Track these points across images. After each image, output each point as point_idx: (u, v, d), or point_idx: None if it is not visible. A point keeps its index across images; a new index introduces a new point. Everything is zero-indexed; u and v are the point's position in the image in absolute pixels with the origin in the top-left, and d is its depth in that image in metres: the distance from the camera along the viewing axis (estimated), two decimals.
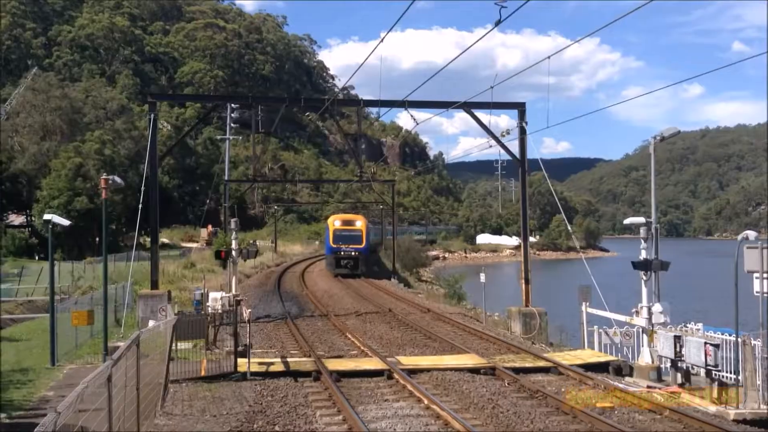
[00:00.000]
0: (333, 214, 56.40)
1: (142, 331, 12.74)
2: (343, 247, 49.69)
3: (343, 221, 52.31)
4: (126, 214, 68.82)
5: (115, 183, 22.26)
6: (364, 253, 50.22)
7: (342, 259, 49.86)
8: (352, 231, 50.28)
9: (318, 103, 37.92)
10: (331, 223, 52.40)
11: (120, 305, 27.52)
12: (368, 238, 51.39)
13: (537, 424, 13.20)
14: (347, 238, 49.83)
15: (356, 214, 61.11)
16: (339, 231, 50.41)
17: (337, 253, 50.36)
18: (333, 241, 50.39)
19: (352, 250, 49.60)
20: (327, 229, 53.32)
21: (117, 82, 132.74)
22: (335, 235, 50.24)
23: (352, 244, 49.65)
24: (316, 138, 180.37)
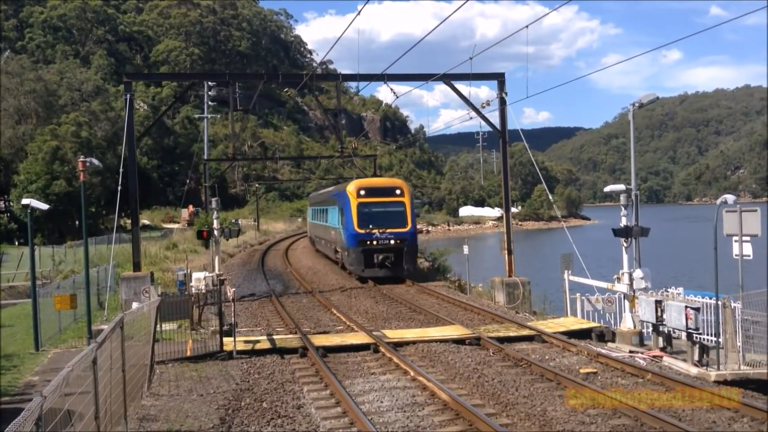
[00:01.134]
0: (355, 180, 35.29)
1: (126, 314, 12.72)
2: (377, 232, 31.00)
3: (373, 189, 32.62)
4: (105, 197, 68.21)
5: (93, 165, 22.06)
6: (409, 241, 31.65)
7: (376, 252, 30.93)
8: (389, 204, 32.14)
9: (296, 79, 37.39)
10: (353, 192, 32.01)
11: (102, 288, 27.40)
12: (413, 216, 32.56)
13: (522, 392, 13.37)
14: (382, 217, 31.63)
15: (393, 178, 43.31)
16: (368, 206, 31.80)
17: (366, 243, 31.04)
18: (358, 222, 31.23)
19: (392, 237, 31.16)
20: (344, 201, 32.52)
21: (91, 63, 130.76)
22: (362, 213, 31.46)
23: (391, 226, 31.28)
24: (296, 114, 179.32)
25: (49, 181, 66.33)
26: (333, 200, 36.83)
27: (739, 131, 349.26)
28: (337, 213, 34.46)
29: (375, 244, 30.95)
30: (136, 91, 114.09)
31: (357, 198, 31.65)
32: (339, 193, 35.06)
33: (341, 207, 32.95)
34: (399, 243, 31.14)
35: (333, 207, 36.21)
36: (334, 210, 35.83)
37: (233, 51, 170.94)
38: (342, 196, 33.21)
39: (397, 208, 31.83)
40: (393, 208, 31.96)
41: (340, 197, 33.76)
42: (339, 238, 34.43)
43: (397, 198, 32.05)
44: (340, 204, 33.45)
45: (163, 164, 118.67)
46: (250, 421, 12.06)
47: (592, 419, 11.66)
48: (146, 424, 11.81)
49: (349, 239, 31.80)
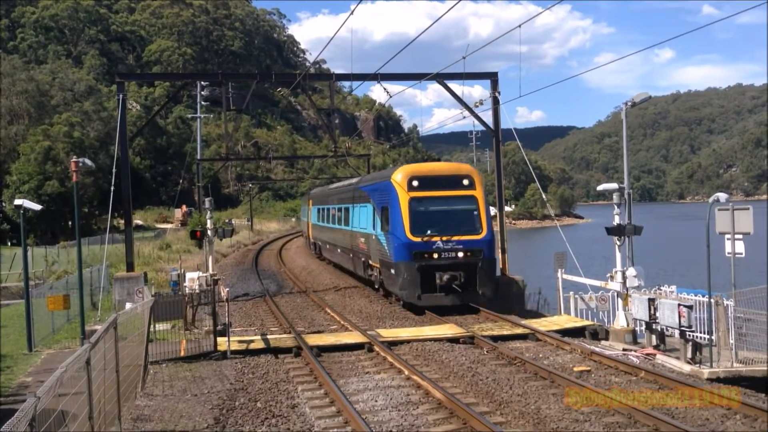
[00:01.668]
0: (402, 166, 27.10)
1: (119, 314, 12.68)
2: (440, 242, 22.24)
3: (432, 178, 23.73)
4: (98, 197, 68.03)
5: (86, 165, 21.99)
6: (486, 253, 22.66)
7: (439, 270, 22.03)
8: (456, 200, 23.34)
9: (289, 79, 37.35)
10: (402, 183, 23.12)
11: (96, 288, 27.33)
12: (489, 217, 23.61)
13: (516, 390, 13.40)
14: (446, 218, 23.04)
15: (455, 163, 33.00)
16: (425, 202, 23.06)
17: (424, 256, 22.26)
18: (412, 227, 22.45)
19: (462, 248, 22.36)
20: (387, 196, 23.83)
21: (83, 63, 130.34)
22: (416, 213, 22.69)
23: (459, 232, 22.50)
24: (289, 114, 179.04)
25: (42, 181, 66.11)
26: (362, 196, 27.77)
27: (731, 130, 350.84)
28: (369, 213, 25.86)
29: (437, 257, 21.88)
30: (129, 91, 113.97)
31: (409, 191, 22.52)
32: (377, 185, 25.76)
33: (380, 204, 24.27)
34: (471, 256, 22.04)
35: (362, 205, 27.55)
36: (364, 209, 27.05)
37: (226, 51, 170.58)
38: (383, 190, 24.28)
39: (467, 206, 22.98)
40: (461, 205, 23.06)
41: (380, 191, 24.73)
42: (374, 249, 25.03)
43: (466, 191, 23.06)
44: (378, 200, 24.77)
45: (156, 164, 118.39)
46: (245, 420, 12.05)
47: (586, 417, 11.70)
48: (140, 425, 11.79)
49: (398, 251, 22.24)
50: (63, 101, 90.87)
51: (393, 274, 23.04)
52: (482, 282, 22.24)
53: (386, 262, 23.77)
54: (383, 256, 24.09)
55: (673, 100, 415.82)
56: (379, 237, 24.53)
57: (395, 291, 23.71)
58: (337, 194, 35.10)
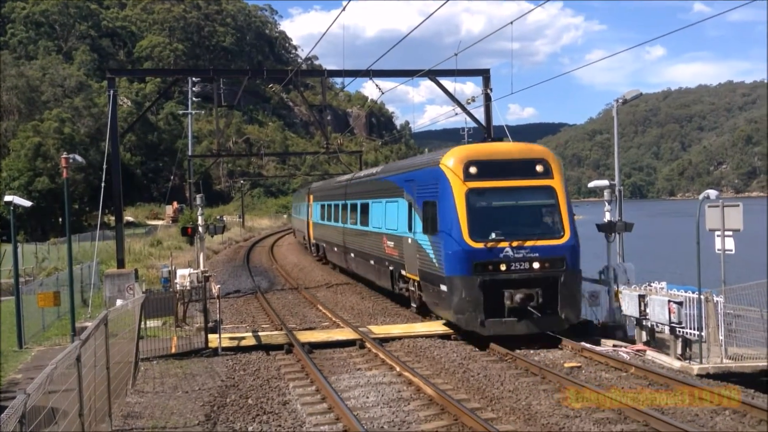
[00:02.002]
0: (454, 147, 19.74)
1: (110, 311, 12.65)
2: (509, 248, 17.08)
3: (496, 164, 18.13)
4: (89, 193, 67.82)
5: (76, 162, 21.89)
6: (570, 263, 17.41)
7: (509, 286, 16.90)
8: (528, 193, 18.24)
9: (281, 75, 37.23)
10: (457, 169, 17.78)
11: (86, 285, 27.22)
12: (572, 215, 18.14)
13: (507, 386, 13.44)
14: (516, 216, 18.11)
15: (524, 143, 21.04)
16: (488, 195, 17.95)
17: (488, 268, 17.03)
18: (472, 228, 17.20)
19: (538, 257, 17.24)
20: (435, 187, 18.42)
21: (74, 59, 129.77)
22: (477, 210, 17.54)
23: (533, 235, 17.44)
24: (281, 110, 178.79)
25: (32, 177, 65.85)
26: (389, 188, 22.89)
27: (721, 127, 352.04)
28: (402, 209, 20.78)
29: (505, 270, 16.82)
30: (120, 87, 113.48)
31: (465, 180, 17.31)
32: (415, 174, 20.32)
33: (422, 198, 19.00)
34: (550, 267, 16.99)
35: (390, 200, 22.44)
36: (393, 205, 22.03)
37: (217, 47, 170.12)
38: (427, 179, 18.93)
39: (544, 199, 17.88)
40: (536, 198, 18.00)
41: (421, 181, 19.40)
42: (410, 256, 19.94)
43: (542, 180, 17.78)
44: (418, 192, 19.42)
45: (147, 161, 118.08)
46: (236, 417, 12.04)
47: (576, 413, 11.74)
48: (131, 422, 11.76)
49: (452, 261, 17.02)
50: (53, 97, 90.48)
51: (443, 292, 17.37)
52: (565, 302, 16.89)
53: (431, 275, 18.24)
54: (426, 267, 18.52)
55: (664, 97, 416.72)
56: (419, 241, 19.07)
57: (445, 314, 17.99)
58: (350, 187, 29.67)
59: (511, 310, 16.75)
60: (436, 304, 18.64)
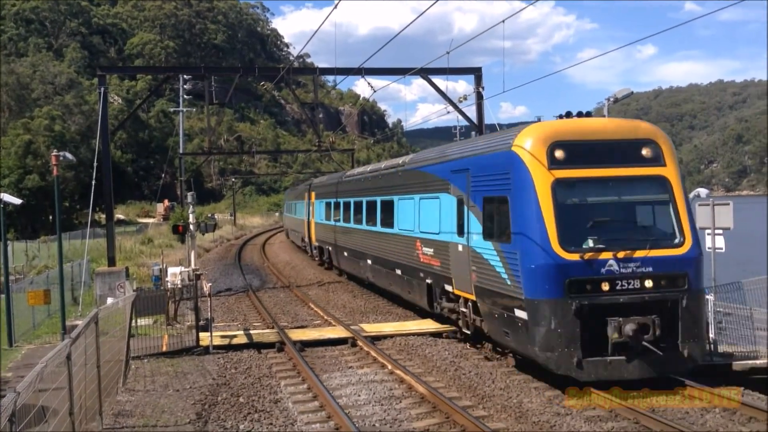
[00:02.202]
0: (531, 124, 14.12)
1: (101, 309, 12.60)
2: (613, 260, 12.62)
3: (591, 143, 13.53)
4: (79, 191, 67.58)
5: (67, 159, 21.77)
6: (692, 279, 12.89)
7: (616, 314, 12.40)
8: (632, 185, 13.65)
9: (273, 72, 37.22)
10: (536, 153, 13.17)
11: (77, 283, 27.14)
12: (691, 215, 13.66)
13: (498, 384, 13.46)
14: (619, 216, 13.76)
15: (623, 119, 14.98)
16: (581, 189, 13.37)
17: (585, 288, 12.58)
18: (562, 234, 12.69)
19: (652, 272, 12.75)
20: (513, 176, 13.47)
21: (65, 56, 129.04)
22: (568, 208, 13.09)
23: (644, 244, 12.89)
24: (273, 108, 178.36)
25: (22, 175, 65.53)
26: (427, 181, 18.46)
27: (712, 126, 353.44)
28: (448, 207, 16.62)
29: (609, 289, 12.78)
30: (111, 84, 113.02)
31: (551, 168, 13.18)
32: (476, 159, 15.50)
33: (485, 191, 14.69)
34: (667, 286, 12.93)
35: (427, 196, 18.34)
36: (431, 202, 17.93)
37: (209, 44, 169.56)
38: (493, 166, 14.58)
39: (655, 194, 13.78)
40: (644, 193, 13.89)
41: (487, 168, 14.86)
42: (461, 268, 15.78)
43: (651, 168, 13.72)
44: (478, 185, 15.05)
45: (138, 158, 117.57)
46: (227, 415, 12.02)
47: (567, 411, 11.78)
48: (122, 420, 11.73)
49: (536, 277, 12.88)
50: (44, 94, 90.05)
51: (519, 320, 13.08)
52: (687, 333, 12.67)
53: (499, 296, 13.91)
54: (491, 284, 14.19)
55: (655, 96, 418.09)
56: (477, 249, 14.82)
57: (523, 349, 13.36)
58: (367, 182, 25.29)
59: (618, 346, 12.37)
60: (506, 335, 13.89)
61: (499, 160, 14.16)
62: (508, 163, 13.68)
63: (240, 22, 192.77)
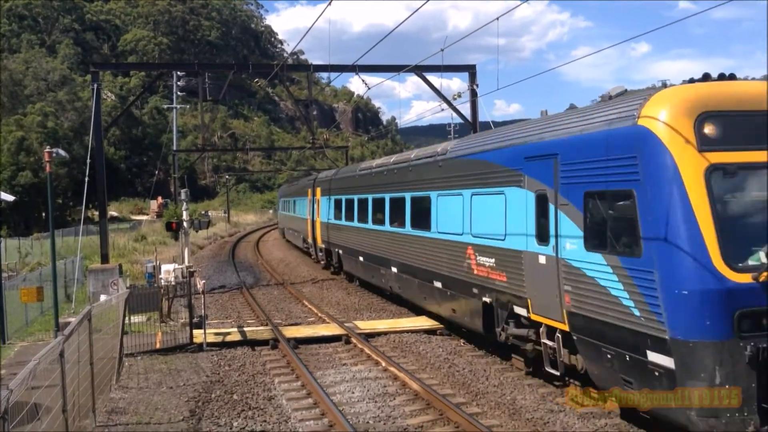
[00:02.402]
0: (667, 88, 10.33)
1: (94, 306, 12.57)
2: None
3: (754, 115, 9.32)
4: (72, 188, 67.40)
5: (60, 156, 21.68)
6: None
7: None
8: None
9: (267, 69, 37.14)
10: (679, 129, 9.21)
11: (70, 281, 27.03)
12: None
13: (492, 381, 13.48)
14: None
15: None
16: (743, 174, 9.21)
17: (765, 322, 8.63)
18: (725, 246, 8.80)
19: None
20: (645, 161, 9.45)
21: (58, 53, 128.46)
22: (729, 207, 9.19)
23: None
24: (267, 105, 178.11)
25: (15, 172, 65.30)
26: (486, 171, 14.57)
27: None
28: (519, 206, 12.95)
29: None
30: (104, 81, 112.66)
31: (702, 150, 9.26)
32: (571, 140, 11.46)
33: (590, 184, 10.83)
34: None
35: (484, 189, 14.66)
36: (497, 199, 13.91)
37: (203, 41, 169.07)
38: (604, 147, 10.53)
39: None
40: None
41: (591, 150, 10.85)
42: (550, 287, 11.76)
43: None
44: (576, 174, 11.22)
45: (132, 155, 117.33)
46: (221, 413, 12.01)
47: (560, 407, 11.80)
48: (115, 417, 11.71)
49: (690, 308, 8.88)
50: (37, 91, 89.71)
51: (659, 368, 9.30)
52: None
53: (620, 329, 10.01)
54: (603, 312, 10.35)
55: None
56: (574, 264, 11.05)
57: (667, 410, 9.33)
58: (392, 175, 21.52)
59: None
60: (627, 384, 9.94)
61: (617, 140, 10.23)
62: (634, 143, 9.82)
63: (234, 18, 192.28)
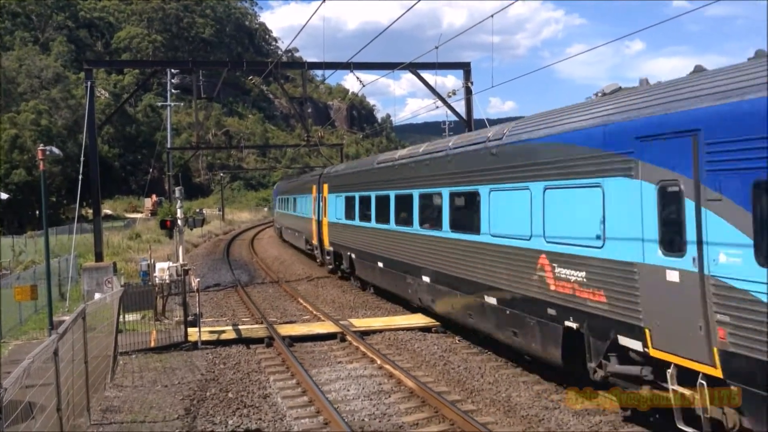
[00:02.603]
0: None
1: (88, 304, 12.55)
2: None
3: None
4: (66, 186, 67.16)
5: (53, 154, 21.62)
6: None
7: None
8: None
9: (261, 67, 37.06)
10: None
11: (64, 279, 26.97)
12: None
13: (487, 378, 13.50)
14: None
15: None
16: None
17: None
18: None
19: None
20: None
21: (51, 50, 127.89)
22: None
23: None
24: (261, 102, 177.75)
25: (9, 170, 65.05)
26: (570, 158, 11.31)
27: None
28: (622, 203, 9.89)
29: None
30: (98, 78, 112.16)
31: None
32: (739, 108, 7.80)
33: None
34: None
35: (568, 181, 11.39)
36: (590, 193, 10.69)
37: (197, 38, 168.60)
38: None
39: None
40: None
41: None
42: (681, 312, 8.67)
43: None
44: (743, 161, 7.73)
45: (126, 153, 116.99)
46: (216, 411, 11.99)
47: (555, 404, 11.82)
48: (110, 416, 11.68)
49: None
50: (30, 88, 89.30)
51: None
52: None
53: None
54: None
55: None
56: (742, 284, 7.87)
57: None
58: (423, 167, 18.33)
59: None
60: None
61: None
62: None
63: (228, 16, 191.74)
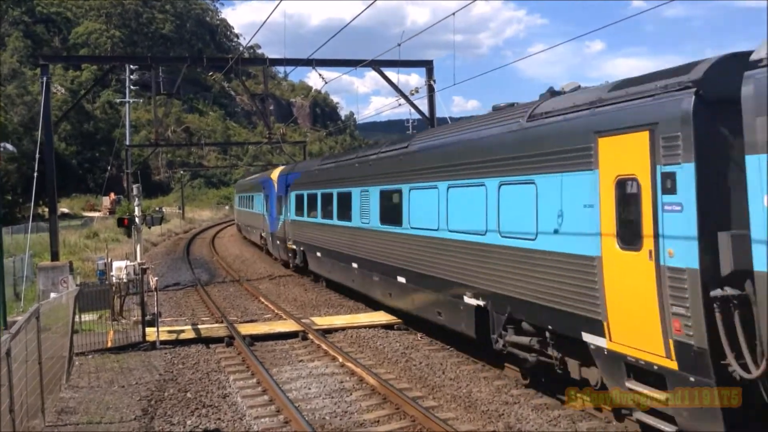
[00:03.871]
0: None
1: (42, 304, 12.27)
2: None
3: None
4: (22, 184, 65.51)
5: (8, 151, 21.17)
6: None
7: None
8: None
9: (222, 63, 36.41)
10: None
11: (19, 278, 26.36)
12: None
13: (448, 374, 13.55)
14: None
15: None
16: None
17: None
18: None
19: None
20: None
21: (7, 45, 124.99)
22: None
23: None
24: (222, 99, 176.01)
25: None
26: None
27: None
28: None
29: None
30: (54, 74, 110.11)
31: None
32: None
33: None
34: None
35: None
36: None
37: (156, 34, 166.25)
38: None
39: None
40: None
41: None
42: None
43: None
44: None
45: (83, 150, 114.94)
46: (174, 411, 11.83)
47: (515, 399, 11.91)
48: (65, 417, 11.44)
49: None
50: None
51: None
52: None
53: None
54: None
55: None
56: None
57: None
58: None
59: None
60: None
61: None
62: None
63: (188, 11, 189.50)
